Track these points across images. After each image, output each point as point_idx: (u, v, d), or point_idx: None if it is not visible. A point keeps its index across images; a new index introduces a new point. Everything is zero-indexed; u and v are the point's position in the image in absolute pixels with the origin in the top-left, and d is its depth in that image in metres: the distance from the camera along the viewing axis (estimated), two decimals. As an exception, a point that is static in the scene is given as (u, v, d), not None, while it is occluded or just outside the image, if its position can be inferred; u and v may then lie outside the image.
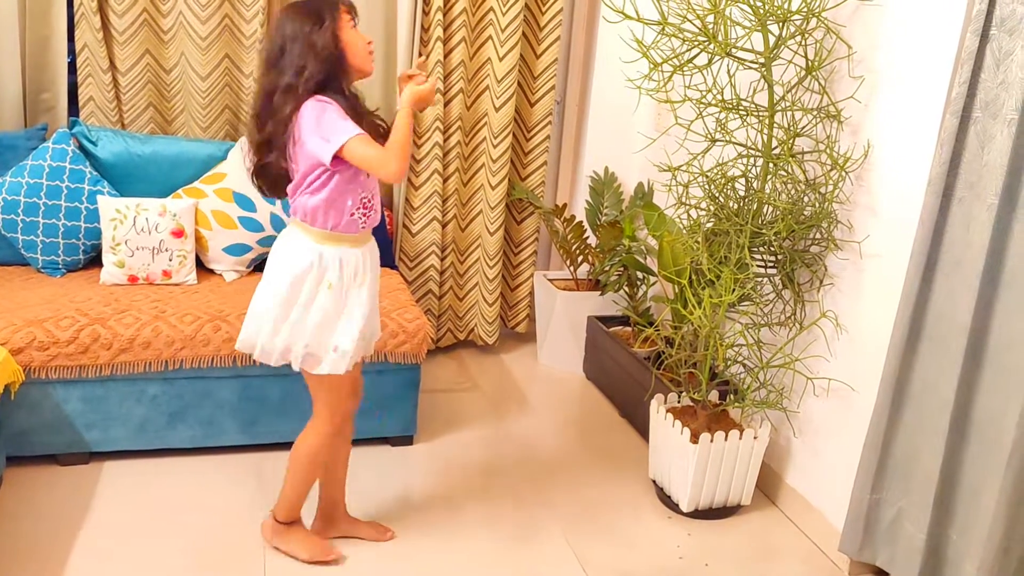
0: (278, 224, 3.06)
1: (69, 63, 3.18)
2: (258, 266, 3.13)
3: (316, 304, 2.07)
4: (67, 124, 3.14)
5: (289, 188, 2.09)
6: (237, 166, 3.07)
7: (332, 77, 1.99)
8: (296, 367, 2.13)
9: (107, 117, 3.18)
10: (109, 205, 2.88)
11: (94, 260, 3.03)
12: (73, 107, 3.23)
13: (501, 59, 3.40)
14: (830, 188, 2.43)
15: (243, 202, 3.03)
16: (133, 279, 2.90)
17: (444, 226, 3.58)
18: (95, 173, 2.97)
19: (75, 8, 3.06)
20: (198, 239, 3.00)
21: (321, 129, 1.93)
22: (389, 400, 2.86)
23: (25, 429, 2.58)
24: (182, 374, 2.65)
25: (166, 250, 2.91)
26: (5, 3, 3.00)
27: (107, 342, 2.56)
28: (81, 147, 3.01)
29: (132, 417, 2.66)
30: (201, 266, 3.08)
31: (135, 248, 2.87)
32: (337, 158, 1.95)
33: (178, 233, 2.92)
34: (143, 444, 2.70)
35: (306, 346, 2.09)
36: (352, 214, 2.07)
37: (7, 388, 2.43)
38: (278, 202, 3.07)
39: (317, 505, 2.41)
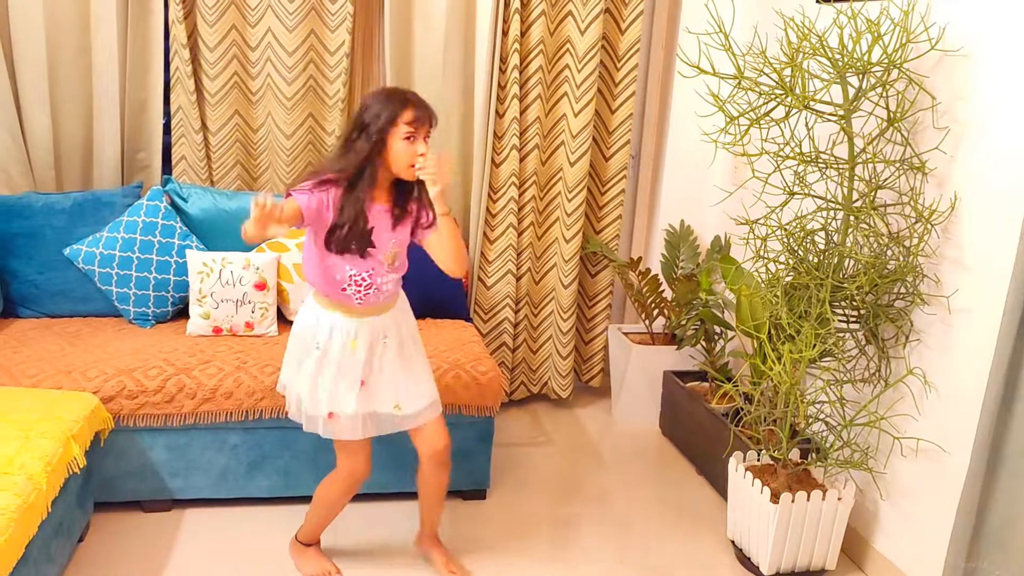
0: (357, 277, 3.13)
1: (164, 124, 3.34)
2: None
3: (304, 365, 2.24)
4: (160, 182, 3.30)
5: None
6: (318, 221, 3.15)
7: (361, 175, 2.11)
8: (304, 426, 2.31)
9: (197, 175, 3.33)
10: (197, 259, 2.99)
11: (182, 312, 3.14)
12: (167, 165, 3.40)
13: (576, 115, 3.44)
14: (915, 241, 2.37)
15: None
16: (218, 330, 2.99)
17: (518, 279, 3.60)
18: (185, 228, 3.10)
19: (171, 72, 3.24)
20: (280, 291, 3.09)
21: (301, 187, 2.13)
22: (462, 453, 2.85)
23: (113, 476, 2.66)
24: (262, 424, 2.71)
25: (249, 302, 2.99)
26: (107, 69, 3.19)
27: (191, 392, 2.63)
28: (173, 203, 3.15)
29: (213, 466, 2.72)
30: (282, 318, 3.16)
31: (220, 300, 2.97)
32: (308, 219, 2.09)
33: (261, 286, 3.01)
34: (223, 493, 2.75)
35: (304, 406, 2.27)
36: (344, 288, 2.19)
37: (97, 435, 2.52)
38: (357, 256, 3.14)
39: None
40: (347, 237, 2.11)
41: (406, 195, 2.20)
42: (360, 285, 2.19)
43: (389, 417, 2.29)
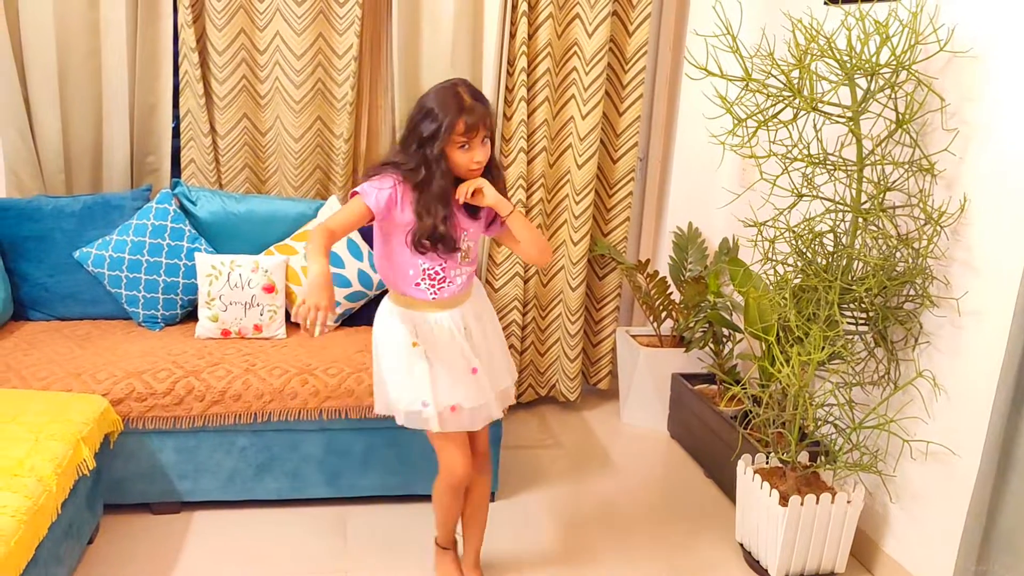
0: (365, 280, 3.13)
1: (173, 128, 3.36)
2: (346, 321, 3.20)
3: (412, 366, 2.18)
4: (170, 185, 3.31)
5: None
6: (327, 224, 3.16)
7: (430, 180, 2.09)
8: (398, 421, 2.26)
9: (206, 178, 3.34)
10: (205, 262, 3.00)
11: (190, 314, 3.15)
12: (176, 169, 3.41)
13: (584, 117, 3.44)
14: (924, 243, 2.36)
15: (332, 259, 3.11)
16: (226, 333, 3.00)
17: (526, 282, 3.60)
18: (194, 231, 3.11)
19: (180, 76, 3.25)
20: (288, 295, 3.10)
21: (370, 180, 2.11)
22: (471, 456, 2.85)
23: (122, 478, 2.67)
24: (270, 427, 2.72)
25: (257, 305, 3.00)
26: (116, 73, 3.21)
27: (200, 394, 2.64)
28: (182, 206, 3.16)
29: (222, 468, 2.73)
30: (290, 321, 3.16)
31: (228, 303, 2.98)
32: (378, 218, 2.08)
33: (269, 289, 3.01)
34: (232, 495, 2.76)
35: (396, 401, 2.22)
36: (417, 283, 2.17)
37: (106, 437, 2.53)
38: (365, 258, 3.14)
39: None
40: (433, 237, 2.09)
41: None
42: (434, 280, 2.16)
43: (456, 415, 2.21)
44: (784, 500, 2.50)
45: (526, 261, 2.20)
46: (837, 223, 2.51)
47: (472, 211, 2.17)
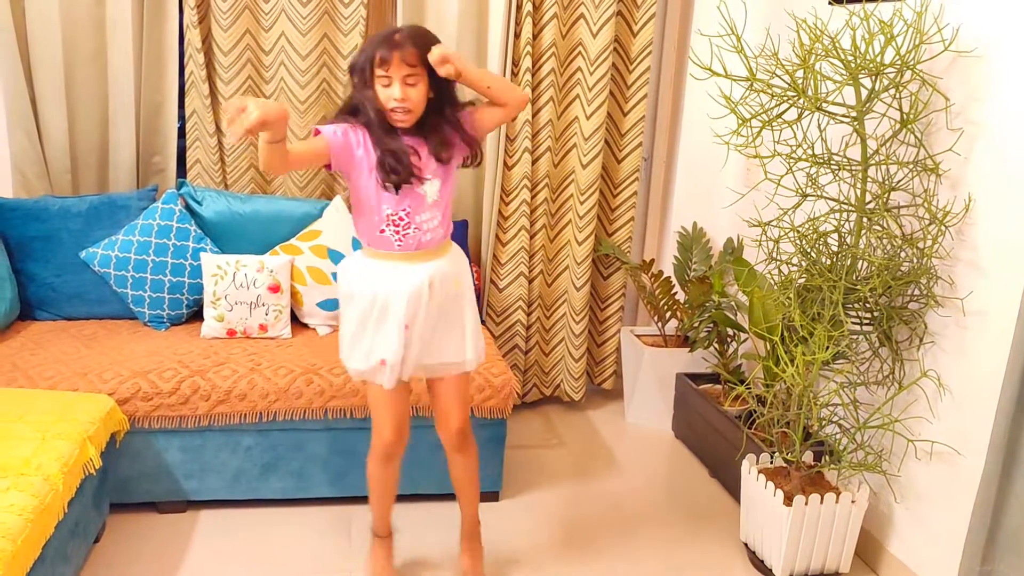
0: (369, 280, 3.14)
1: (179, 128, 3.37)
2: (350, 320, 3.21)
3: (348, 312, 2.19)
4: (175, 185, 3.32)
5: None
6: (332, 224, 3.17)
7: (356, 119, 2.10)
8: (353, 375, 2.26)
9: (212, 178, 3.35)
10: (211, 261, 3.01)
11: (196, 314, 3.16)
12: (181, 169, 3.42)
13: (588, 117, 3.45)
14: (929, 243, 2.36)
15: (337, 258, 3.12)
16: (231, 333, 3.01)
17: (531, 281, 3.60)
18: (199, 231, 3.12)
19: (186, 77, 3.26)
20: (293, 294, 3.10)
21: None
22: (475, 455, 2.86)
23: (128, 477, 2.68)
24: (275, 426, 2.72)
25: (263, 305, 3.01)
26: (122, 73, 3.22)
27: (206, 393, 2.65)
28: (187, 207, 3.17)
29: (227, 467, 2.74)
30: (296, 320, 3.17)
31: (234, 303, 2.99)
32: (335, 153, 2.06)
33: (275, 288, 3.02)
34: (237, 494, 2.77)
35: (352, 354, 2.21)
36: (381, 230, 2.12)
37: (112, 436, 2.54)
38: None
39: None
40: (385, 163, 2.05)
41: (436, 133, 2.12)
42: (398, 225, 2.11)
43: (408, 366, 2.19)
44: (788, 500, 2.50)
45: (506, 114, 2.13)
46: (841, 223, 2.51)
47: (440, 156, 2.12)
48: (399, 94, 2.01)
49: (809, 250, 2.53)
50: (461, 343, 2.25)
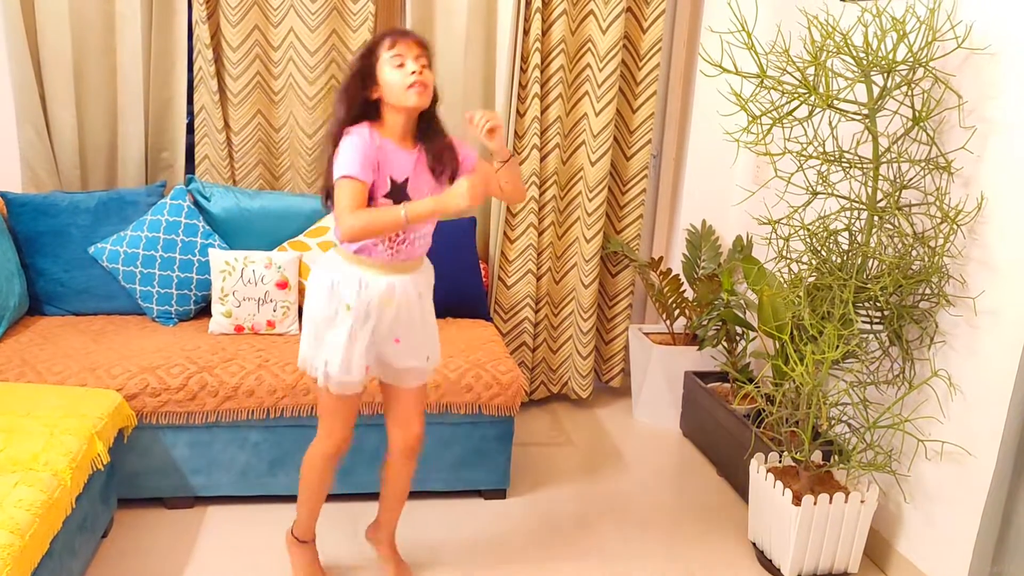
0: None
1: (187, 124, 3.37)
2: (357, 317, 3.21)
3: (335, 322, 2.11)
4: (184, 181, 3.32)
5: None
6: (340, 220, 3.17)
7: (365, 116, 2.06)
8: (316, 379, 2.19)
9: (220, 174, 3.35)
10: (219, 257, 3.01)
11: (204, 310, 3.16)
12: (190, 165, 3.42)
13: (597, 114, 3.43)
14: (940, 242, 2.34)
15: (345, 255, 3.12)
16: (239, 329, 3.01)
17: (539, 278, 3.59)
18: (207, 227, 3.12)
19: (195, 73, 3.26)
20: (301, 290, 3.10)
21: (338, 156, 2.02)
22: (482, 453, 2.85)
23: (136, 472, 2.69)
24: (283, 422, 2.72)
25: (271, 301, 3.01)
26: (132, 70, 3.22)
27: (214, 389, 2.65)
28: (196, 202, 3.18)
29: (235, 463, 2.74)
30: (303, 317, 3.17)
31: (242, 299, 2.99)
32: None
33: (282, 285, 3.02)
34: (245, 490, 2.77)
35: (311, 358, 2.16)
36: (376, 243, 2.09)
37: (120, 432, 2.54)
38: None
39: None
40: (448, 157, 2.10)
41: (435, 141, 2.12)
42: (392, 240, 2.09)
43: (379, 368, 2.21)
44: (797, 499, 2.48)
45: (504, 201, 2.13)
46: (852, 221, 2.49)
47: (438, 168, 2.12)
48: (415, 66, 2.00)
49: (819, 248, 2.51)
50: (424, 348, 2.24)
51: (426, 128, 2.12)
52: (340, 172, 1.98)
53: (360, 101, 2.05)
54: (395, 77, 2.01)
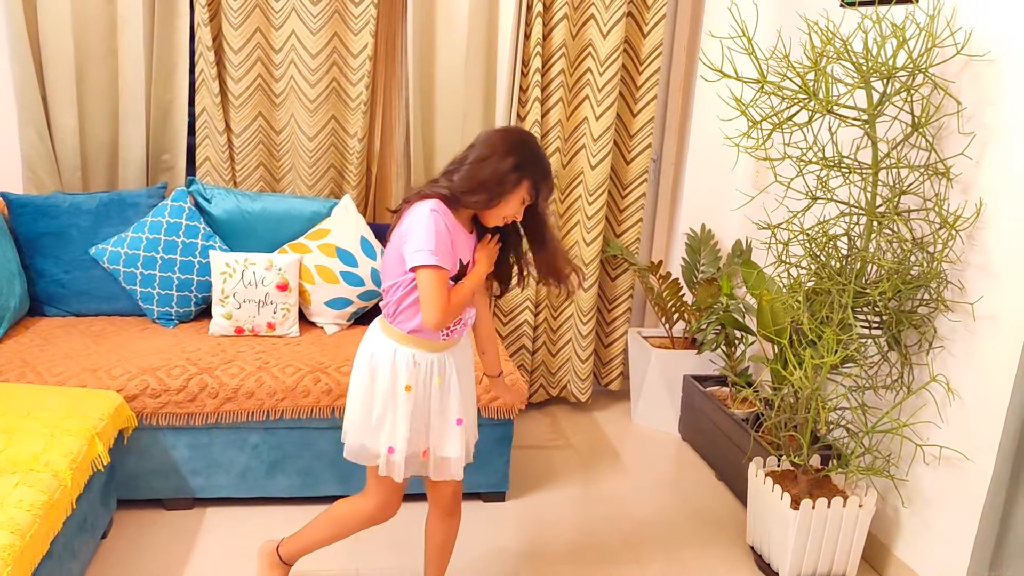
0: (378, 279, 3.14)
1: (188, 126, 3.38)
2: (358, 319, 3.21)
3: (393, 403, 2.07)
4: (185, 183, 3.33)
5: (383, 279, 2.11)
6: (341, 223, 3.18)
7: (464, 202, 2.02)
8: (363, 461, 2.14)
9: (221, 176, 3.35)
10: (220, 259, 3.02)
11: (204, 312, 3.17)
12: (191, 167, 3.43)
13: (598, 118, 3.44)
14: (939, 247, 2.35)
15: (345, 257, 3.13)
16: (239, 330, 3.01)
17: (538, 282, 3.59)
18: (208, 229, 3.13)
19: (196, 75, 3.27)
20: (301, 293, 3.11)
21: (420, 238, 1.95)
22: (482, 456, 2.86)
23: (135, 474, 2.69)
24: (282, 424, 2.73)
25: (271, 303, 3.02)
26: (133, 71, 3.23)
27: (213, 391, 2.65)
28: (197, 204, 3.18)
29: (234, 465, 2.74)
30: (303, 319, 3.18)
31: (242, 300, 2.99)
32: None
33: (283, 287, 3.03)
34: (244, 492, 2.77)
35: (370, 445, 2.10)
36: None
37: (120, 433, 2.55)
38: (379, 257, 3.15)
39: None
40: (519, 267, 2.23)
41: (506, 248, 2.20)
42: (457, 322, 2.09)
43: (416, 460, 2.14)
44: (796, 503, 2.49)
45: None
46: (851, 226, 2.50)
47: (501, 272, 2.23)
48: (518, 215, 2.07)
49: (819, 253, 2.52)
50: (462, 435, 2.17)
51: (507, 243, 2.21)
52: (430, 260, 1.94)
53: (479, 194, 2.00)
54: (511, 211, 2.05)
